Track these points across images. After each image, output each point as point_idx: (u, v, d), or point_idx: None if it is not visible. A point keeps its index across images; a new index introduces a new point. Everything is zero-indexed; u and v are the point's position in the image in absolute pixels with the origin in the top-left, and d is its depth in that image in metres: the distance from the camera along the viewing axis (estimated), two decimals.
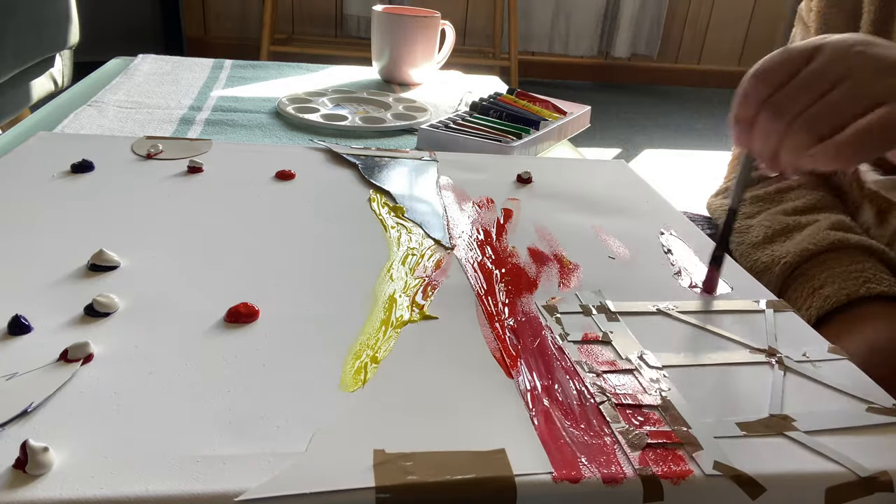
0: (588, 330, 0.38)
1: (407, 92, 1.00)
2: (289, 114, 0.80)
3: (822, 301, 0.51)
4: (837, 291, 0.51)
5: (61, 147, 0.58)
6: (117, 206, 0.48)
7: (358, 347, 0.35)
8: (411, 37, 1.00)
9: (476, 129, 0.75)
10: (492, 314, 0.39)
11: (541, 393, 0.32)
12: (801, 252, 0.55)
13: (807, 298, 0.53)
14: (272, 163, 0.58)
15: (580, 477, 0.27)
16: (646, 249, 0.49)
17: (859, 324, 0.49)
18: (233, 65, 1.05)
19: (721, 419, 0.31)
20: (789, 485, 0.28)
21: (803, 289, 0.53)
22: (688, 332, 0.39)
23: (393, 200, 0.53)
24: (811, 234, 0.57)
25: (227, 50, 2.84)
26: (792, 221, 0.60)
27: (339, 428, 0.29)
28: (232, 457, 0.27)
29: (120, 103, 0.82)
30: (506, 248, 0.47)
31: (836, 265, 0.53)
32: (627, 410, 0.31)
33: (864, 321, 0.48)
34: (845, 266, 0.52)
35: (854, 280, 0.51)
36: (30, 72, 1.36)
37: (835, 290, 0.51)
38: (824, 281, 0.52)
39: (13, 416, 0.28)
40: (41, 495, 0.25)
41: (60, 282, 0.38)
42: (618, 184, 0.60)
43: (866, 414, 0.33)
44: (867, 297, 0.49)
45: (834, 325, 0.50)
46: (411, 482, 0.26)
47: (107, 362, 0.32)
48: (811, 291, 0.52)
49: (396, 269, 0.43)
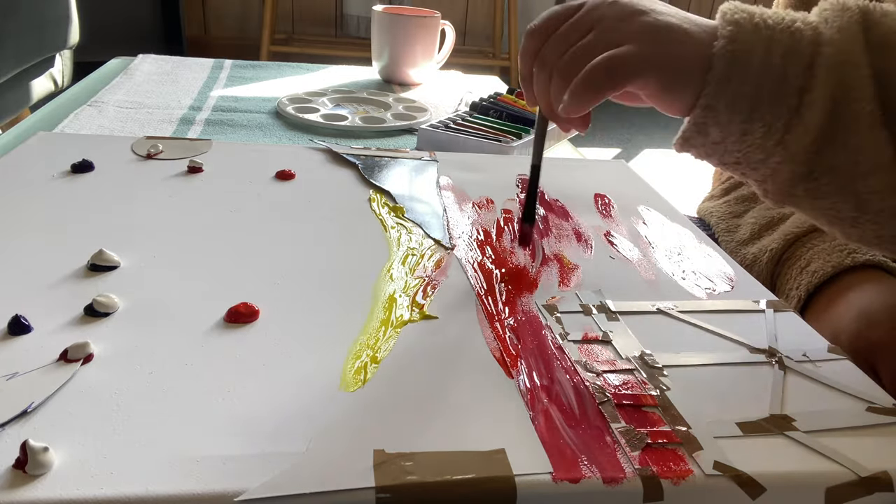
0: (588, 329, 0.38)
1: (407, 92, 1.00)
2: (289, 114, 0.80)
3: (810, 277, 0.52)
4: (823, 265, 0.51)
5: (61, 147, 0.58)
6: (117, 207, 0.48)
7: (358, 347, 0.35)
8: (411, 37, 1.00)
9: (476, 129, 0.75)
10: (492, 314, 0.39)
11: (541, 393, 0.32)
12: (785, 237, 0.56)
13: (795, 278, 0.53)
14: (272, 163, 0.58)
15: (580, 477, 0.27)
16: (646, 249, 0.49)
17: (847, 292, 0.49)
18: (233, 65, 1.05)
19: (721, 419, 0.31)
20: (789, 485, 0.28)
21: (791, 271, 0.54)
22: (688, 332, 0.39)
23: (393, 200, 0.53)
24: (795, 219, 0.58)
25: (227, 50, 2.84)
26: (777, 214, 0.60)
27: (339, 428, 0.29)
28: (232, 457, 0.27)
29: (120, 103, 0.82)
30: (506, 248, 0.47)
31: (820, 243, 0.54)
32: (627, 410, 0.31)
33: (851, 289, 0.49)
34: (829, 242, 0.53)
35: (839, 253, 0.52)
36: (30, 72, 1.36)
37: (821, 264, 0.52)
38: (810, 259, 0.53)
39: (13, 416, 0.28)
40: (41, 495, 0.25)
41: (60, 282, 0.38)
42: (618, 184, 0.60)
43: (866, 414, 0.33)
44: (853, 266, 0.50)
45: (823, 297, 0.51)
46: (411, 482, 0.26)
47: (107, 362, 0.32)
48: (799, 271, 0.53)
49: (396, 269, 0.43)
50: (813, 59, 0.35)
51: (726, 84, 0.36)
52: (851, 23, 0.36)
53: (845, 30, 0.35)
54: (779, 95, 0.36)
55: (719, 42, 0.36)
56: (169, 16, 2.71)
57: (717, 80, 0.36)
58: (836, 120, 0.35)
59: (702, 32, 0.38)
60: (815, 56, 0.35)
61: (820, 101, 0.35)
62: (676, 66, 0.38)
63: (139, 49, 1.11)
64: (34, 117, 0.77)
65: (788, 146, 0.36)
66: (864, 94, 0.35)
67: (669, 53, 0.38)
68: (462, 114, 0.80)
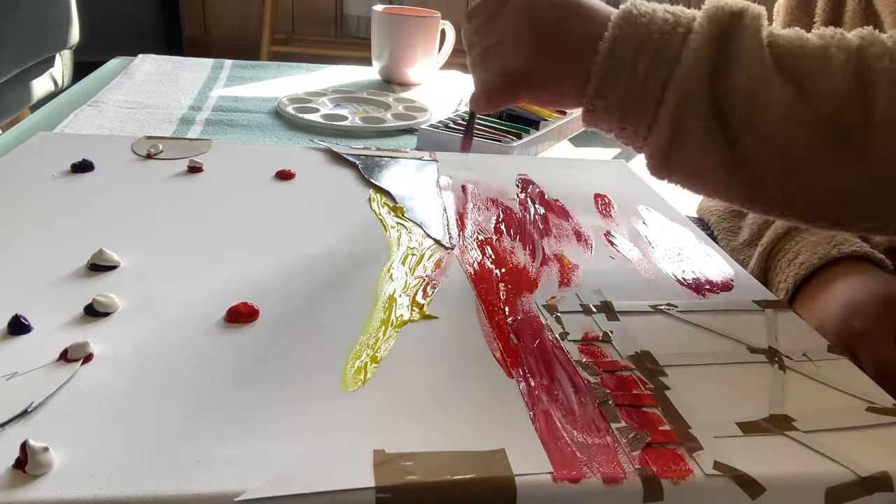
0: (588, 329, 0.38)
1: (407, 92, 1.00)
2: (289, 114, 0.80)
3: (798, 269, 0.53)
4: (810, 257, 0.53)
5: (61, 147, 0.58)
6: (117, 206, 0.48)
7: (358, 347, 0.35)
8: (411, 37, 1.00)
9: (476, 129, 0.75)
10: (492, 314, 0.39)
11: (541, 393, 0.32)
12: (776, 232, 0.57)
13: (784, 271, 0.54)
14: (272, 163, 0.58)
15: (580, 477, 0.27)
16: (646, 249, 0.49)
17: (833, 282, 0.50)
18: (233, 65, 1.05)
19: (721, 419, 0.31)
20: (789, 485, 0.28)
21: (780, 264, 0.55)
22: (688, 331, 0.39)
23: (393, 200, 0.53)
24: None
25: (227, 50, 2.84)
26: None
27: (339, 428, 0.29)
28: (232, 457, 0.27)
29: (120, 103, 0.82)
30: (506, 248, 0.47)
31: (809, 236, 0.55)
32: (627, 410, 0.31)
33: (837, 279, 0.50)
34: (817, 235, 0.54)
35: (825, 245, 0.53)
36: (30, 72, 1.36)
37: (808, 256, 0.53)
38: (798, 251, 0.54)
39: (13, 416, 0.28)
40: (41, 495, 0.25)
41: (60, 281, 0.38)
42: (618, 184, 0.60)
43: (866, 414, 0.33)
44: (839, 258, 0.51)
45: (810, 289, 0.52)
46: (411, 482, 0.26)
47: (107, 362, 0.32)
48: (787, 263, 0.54)
49: (396, 269, 0.43)
50: (669, 75, 0.39)
51: (605, 81, 0.41)
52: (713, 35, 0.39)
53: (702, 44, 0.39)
54: (641, 105, 0.40)
55: (598, 56, 0.40)
56: (169, 16, 2.70)
57: (593, 92, 0.41)
58: (680, 130, 0.39)
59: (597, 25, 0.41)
60: (671, 72, 0.39)
61: (668, 114, 0.39)
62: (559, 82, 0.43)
63: (139, 49, 1.11)
64: (34, 117, 0.77)
65: (650, 145, 0.41)
66: (701, 111, 0.39)
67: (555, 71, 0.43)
68: (462, 114, 0.80)
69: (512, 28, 0.44)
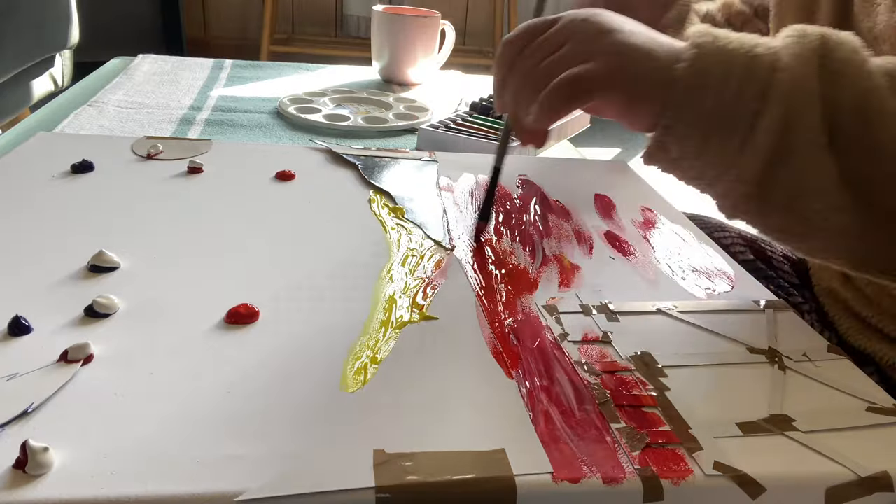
0: (588, 330, 0.38)
1: (407, 92, 1.00)
2: (291, 114, 0.80)
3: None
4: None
5: (61, 147, 0.58)
6: (117, 207, 0.48)
7: (358, 348, 0.35)
8: (411, 37, 1.00)
9: (476, 129, 0.75)
10: (492, 314, 0.39)
11: (541, 393, 0.32)
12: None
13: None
14: (272, 163, 0.58)
15: (580, 477, 0.27)
16: (646, 249, 0.49)
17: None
18: (233, 65, 1.05)
19: (721, 419, 0.31)
20: (789, 485, 0.28)
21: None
22: (688, 332, 0.39)
23: (393, 201, 0.53)
24: None
25: (227, 50, 2.84)
26: None
27: (339, 428, 0.29)
28: (232, 457, 0.27)
29: (120, 103, 0.82)
30: (506, 249, 0.47)
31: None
32: (627, 410, 0.31)
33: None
34: None
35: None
36: (30, 72, 1.36)
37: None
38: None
39: (13, 416, 0.28)
40: (41, 495, 0.25)
41: (60, 282, 0.39)
42: (618, 184, 0.60)
43: (866, 414, 0.33)
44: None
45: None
46: (411, 482, 0.26)
47: (107, 363, 0.32)
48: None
49: (396, 270, 0.43)
50: (768, 84, 0.36)
51: (684, 106, 0.38)
52: (808, 49, 0.37)
53: (801, 56, 0.37)
54: (733, 118, 0.37)
55: (681, 65, 0.38)
56: (169, 16, 2.71)
57: (677, 101, 0.38)
58: (785, 144, 0.36)
59: (666, 54, 0.39)
60: (770, 81, 0.36)
61: (772, 125, 0.36)
62: (638, 85, 0.40)
63: (139, 49, 1.11)
64: (34, 117, 0.77)
65: (740, 166, 0.37)
66: (812, 121, 0.36)
67: (633, 73, 0.40)
68: (462, 114, 0.80)
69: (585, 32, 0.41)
